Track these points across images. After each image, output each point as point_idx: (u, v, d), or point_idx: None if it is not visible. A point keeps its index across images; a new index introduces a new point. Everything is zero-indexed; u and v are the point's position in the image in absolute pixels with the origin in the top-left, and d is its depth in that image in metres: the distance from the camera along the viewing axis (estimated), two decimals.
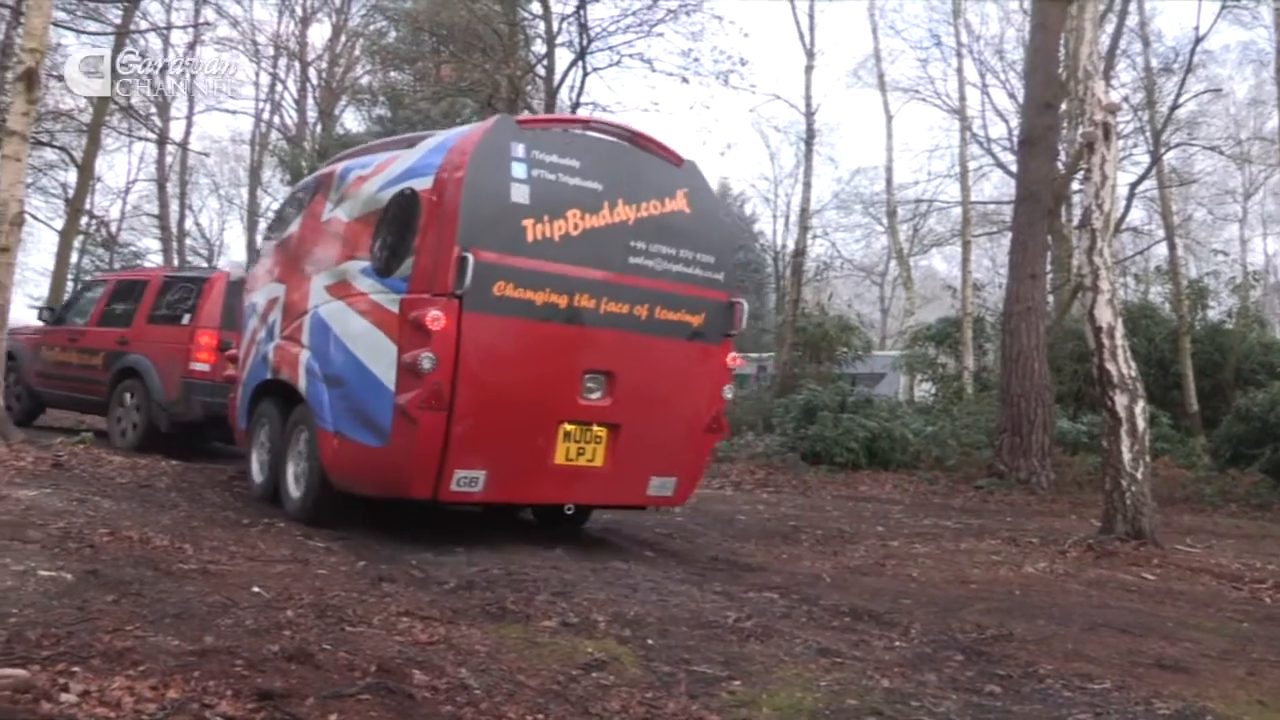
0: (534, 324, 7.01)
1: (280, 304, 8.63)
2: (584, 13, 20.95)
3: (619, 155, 7.72)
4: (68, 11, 24.26)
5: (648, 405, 7.57)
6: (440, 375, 6.70)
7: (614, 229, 7.36)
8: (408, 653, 4.37)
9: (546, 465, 7.29)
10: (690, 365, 7.80)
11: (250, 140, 45.07)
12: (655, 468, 7.85)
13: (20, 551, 5.53)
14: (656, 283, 7.54)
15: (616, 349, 7.36)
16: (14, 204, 12.31)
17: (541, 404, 7.16)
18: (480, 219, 6.82)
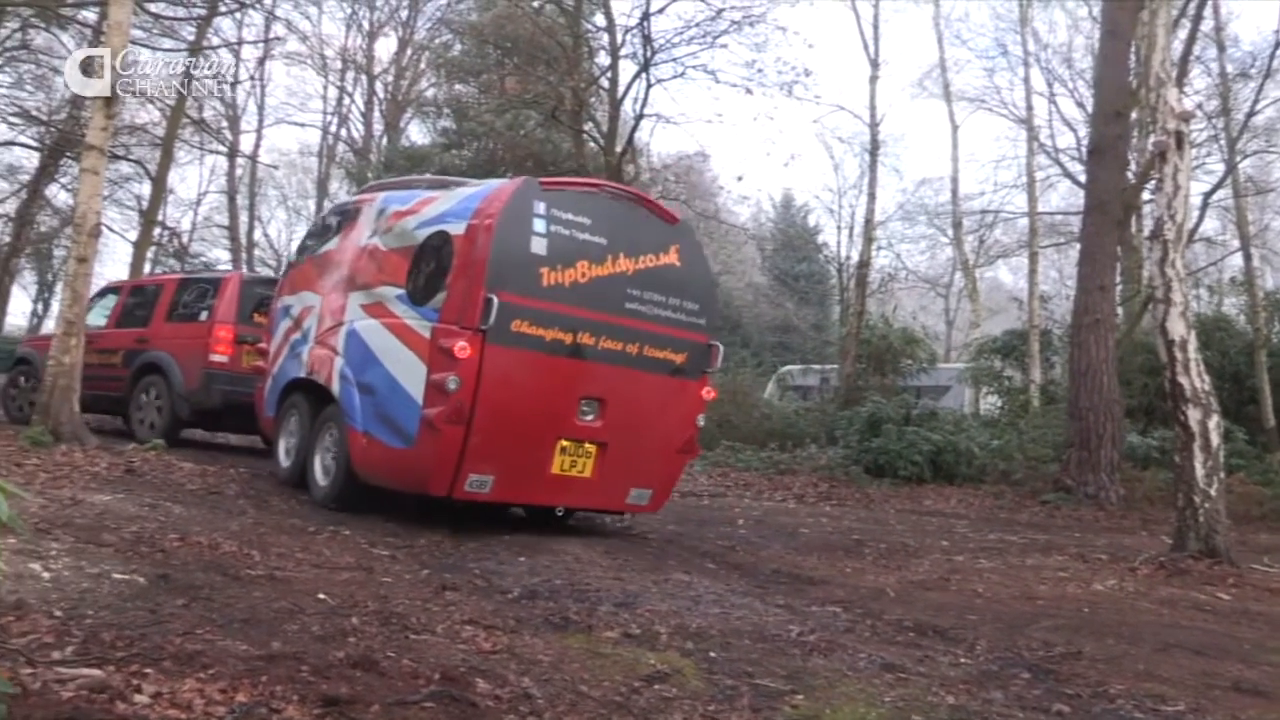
0: (543, 356, 8.15)
1: (316, 313, 9.76)
2: (648, 25, 21.02)
3: (623, 214, 8.88)
4: (144, 30, 24.81)
5: (632, 428, 8.68)
6: (463, 395, 7.79)
7: (615, 278, 8.52)
8: (471, 661, 4.40)
9: (544, 474, 8.39)
10: (670, 396, 8.92)
11: (318, 153, 45.73)
12: (635, 480, 8.95)
13: (95, 554, 5.64)
14: (647, 325, 8.69)
15: (609, 380, 8.48)
16: (91, 216, 12.61)
17: (543, 423, 8.28)
18: (505, 266, 7.94)
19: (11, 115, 32.46)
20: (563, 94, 21.32)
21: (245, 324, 12.75)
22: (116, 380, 13.58)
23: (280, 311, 10.69)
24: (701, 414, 9.30)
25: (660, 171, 25.12)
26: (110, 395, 13.73)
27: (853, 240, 40.22)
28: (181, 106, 28.13)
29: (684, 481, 14.91)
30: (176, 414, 12.88)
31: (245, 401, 11.81)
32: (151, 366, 13.26)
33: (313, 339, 9.67)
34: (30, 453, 10.38)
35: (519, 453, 8.22)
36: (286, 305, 10.54)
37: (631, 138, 22.67)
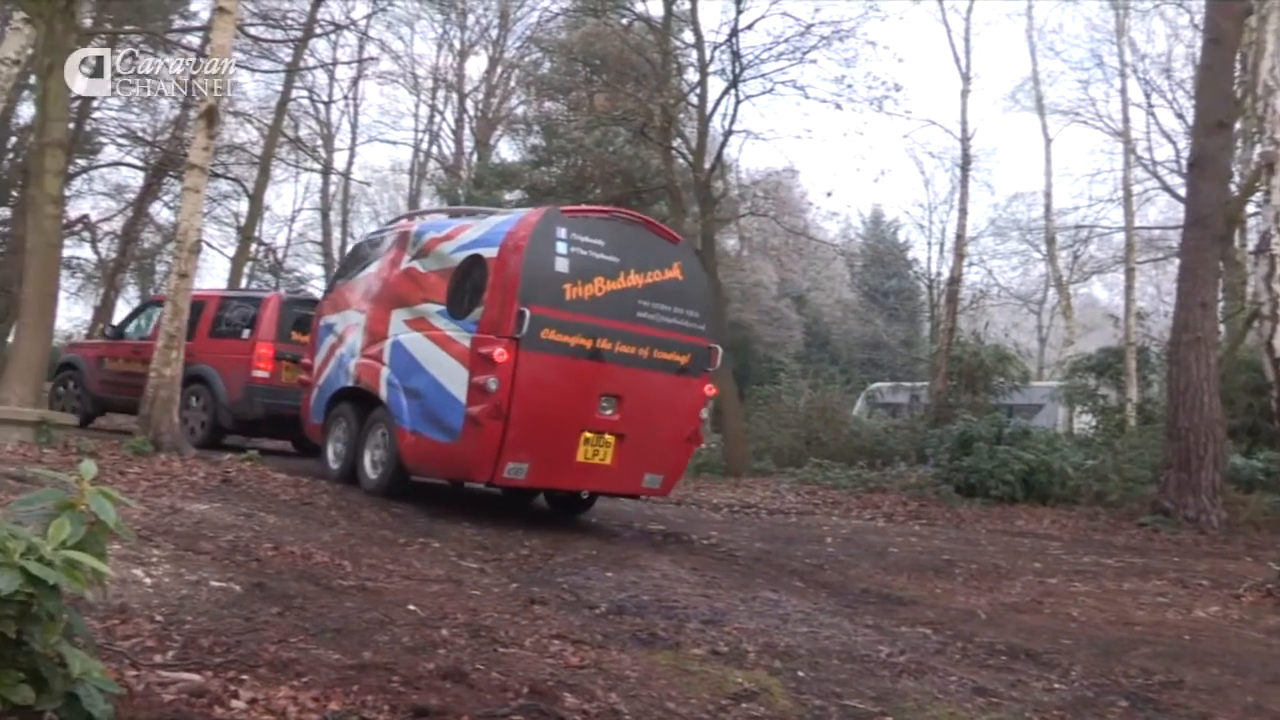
0: (568, 360, 9.32)
1: (360, 329, 10.89)
2: (737, 41, 21.03)
3: (632, 235, 10.13)
4: (244, 52, 25.49)
5: (645, 421, 9.80)
6: (501, 394, 8.97)
7: (627, 291, 9.73)
8: (559, 675, 4.41)
9: (571, 461, 9.51)
10: (677, 393, 10.10)
11: (409, 169, 46.46)
12: (649, 467, 10.14)
13: (194, 562, 5.78)
14: (656, 331, 9.88)
15: (625, 379, 9.64)
16: (192, 232, 12.97)
17: (570, 417, 9.43)
18: (534, 283, 9.14)
19: (120, 137, 33.58)
20: (651, 111, 21.38)
21: (284, 342, 13.90)
22: None
23: (323, 329, 11.74)
24: (704, 408, 10.55)
25: (749, 188, 25.07)
26: None
27: (943, 256, 39.76)
28: (279, 125, 28.83)
29: (771, 498, 14.85)
30: (219, 422, 13.94)
31: (283, 413, 13.08)
32: (195, 378, 13.96)
33: (358, 352, 10.82)
34: (132, 461, 10.68)
35: (549, 443, 9.36)
36: (329, 324, 11.61)
37: (720, 154, 22.67)
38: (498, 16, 40.18)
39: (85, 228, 32.54)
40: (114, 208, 36.47)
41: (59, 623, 2.70)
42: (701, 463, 20.45)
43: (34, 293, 13.13)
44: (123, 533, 2.96)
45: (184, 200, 13.84)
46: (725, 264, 29.73)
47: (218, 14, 13.62)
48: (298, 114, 35.12)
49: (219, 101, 13.49)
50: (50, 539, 2.67)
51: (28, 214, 15.02)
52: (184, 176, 14.98)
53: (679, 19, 23.63)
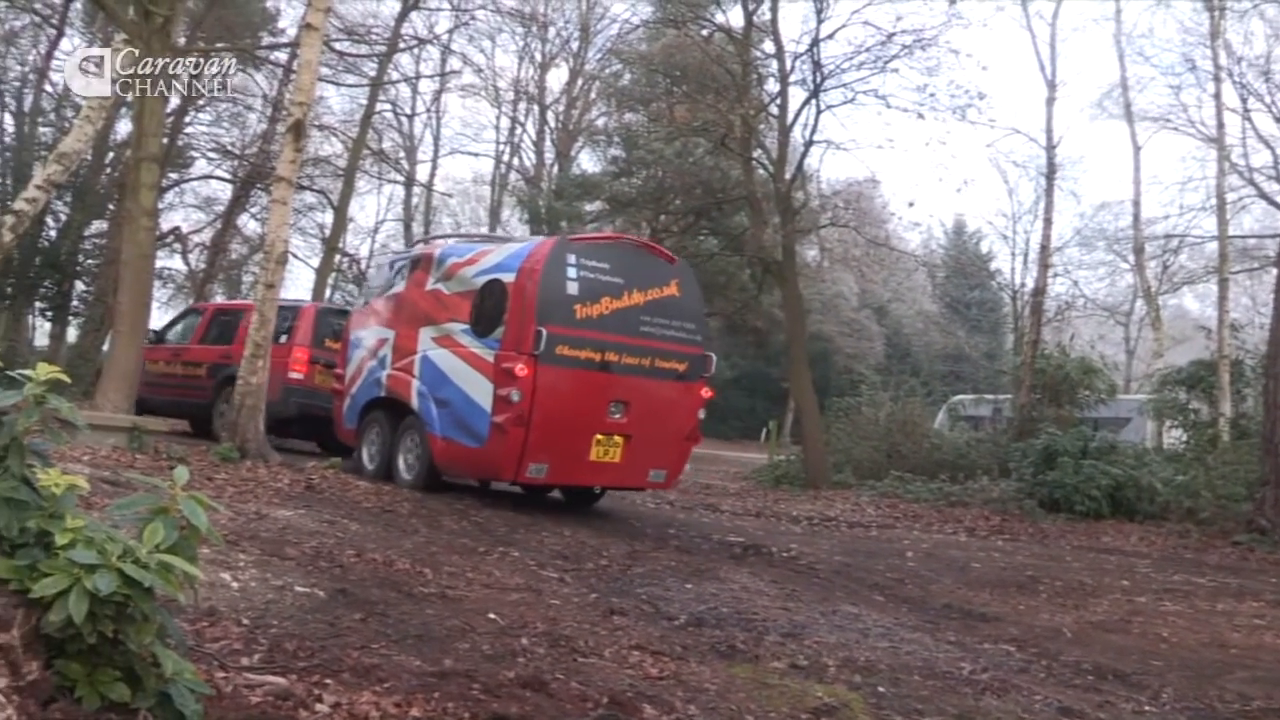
0: (580, 371, 10.42)
1: (390, 344, 11.84)
2: (818, 50, 20.88)
3: (634, 258, 11.37)
4: (329, 67, 25.98)
5: (649, 423, 10.90)
6: (523, 404, 10.06)
7: (631, 309, 10.82)
8: (638, 686, 4.41)
9: (585, 461, 10.61)
10: (677, 397, 11.28)
11: (490, 181, 46.95)
12: (653, 463, 11.29)
13: (279, 567, 5.88)
14: (657, 343, 10.98)
15: (631, 387, 10.77)
16: (279, 244, 13.23)
17: (583, 422, 10.49)
18: (548, 304, 10.21)
19: (210, 151, 34.41)
20: (732, 121, 21.31)
21: (319, 348, 14.83)
22: (201, 390, 15.39)
23: (353, 344, 12.64)
24: (701, 409, 11.60)
25: (830, 198, 24.86)
26: (194, 402, 15.52)
27: (1027, 267, 39.07)
28: (363, 138, 29.31)
29: (851, 512, 14.70)
30: None
31: (315, 413, 13.97)
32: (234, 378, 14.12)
33: (389, 366, 11.79)
34: (219, 467, 10.92)
35: (566, 445, 10.43)
36: (359, 338, 12.56)
37: (801, 164, 22.55)
38: (578, 29, 40.51)
39: (176, 239, 33.40)
40: (203, 219, 37.39)
41: (153, 624, 2.76)
42: (780, 474, 20.35)
43: (128, 302, 13.51)
44: (213, 537, 3.02)
45: (271, 212, 14.15)
46: (806, 275, 29.52)
47: (305, 30, 13.90)
48: (381, 127, 35.69)
49: (306, 115, 13.75)
50: (145, 542, 2.74)
51: (124, 226, 15.45)
52: (271, 189, 15.39)
53: (759, 29, 23.56)
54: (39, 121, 34.14)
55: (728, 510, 14.00)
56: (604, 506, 12.51)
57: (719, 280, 31.02)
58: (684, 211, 30.22)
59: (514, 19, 35.95)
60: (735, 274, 30.32)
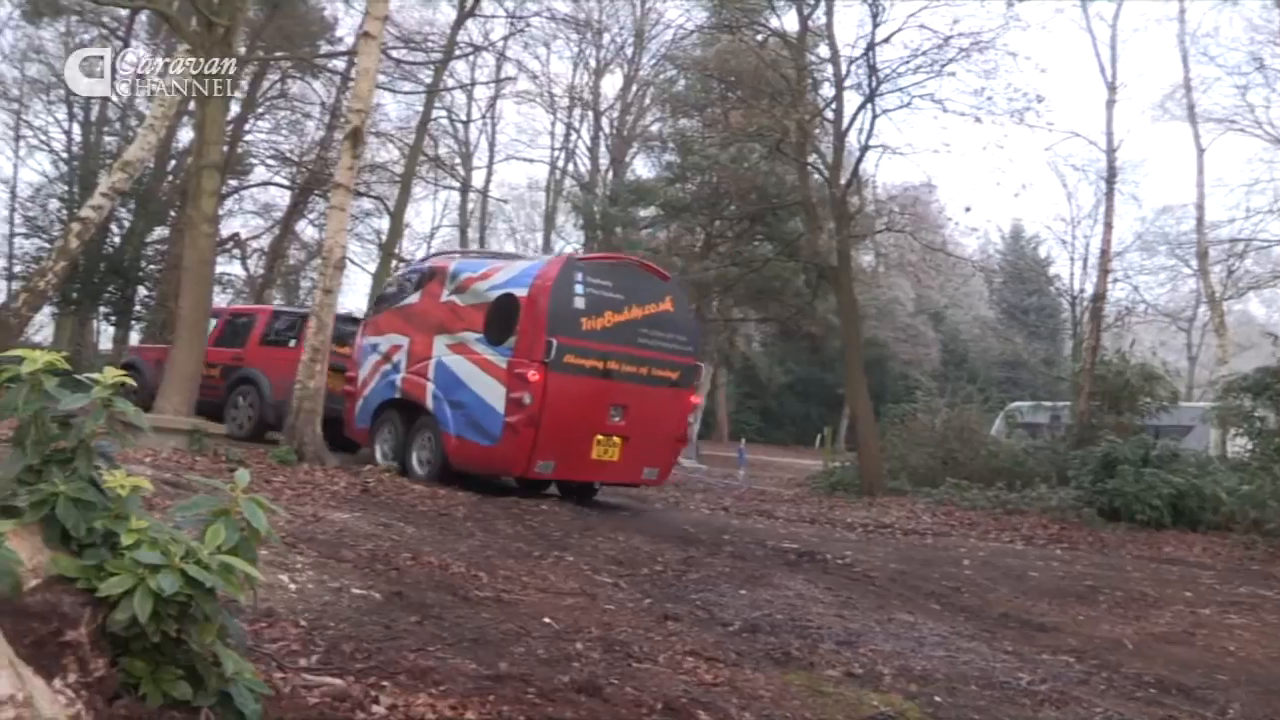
0: (585, 378, 11.43)
1: (404, 350, 12.75)
2: (873, 55, 20.73)
3: (633, 276, 12.50)
4: (386, 74, 26.25)
5: (645, 425, 11.93)
6: (534, 407, 11.05)
7: (630, 322, 11.90)
8: (693, 693, 4.39)
9: (587, 459, 11.69)
10: (670, 401, 12.36)
11: (545, 187, 47.20)
12: (648, 462, 12.37)
13: (336, 569, 5.94)
14: (653, 353, 12.07)
15: (629, 393, 11.82)
16: (337, 249, 13.39)
17: (586, 424, 11.55)
18: (558, 317, 11.27)
19: (268, 158, 34.88)
20: (787, 126, 21.22)
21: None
22: (214, 389, 16.03)
23: (367, 349, 13.51)
24: (692, 413, 13.08)
25: (885, 203, 24.71)
26: (208, 400, 15.87)
27: (1086, 272, 38.65)
28: (419, 145, 29.57)
29: (906, 519, 14.57)
30: (264, 418, 15.28)
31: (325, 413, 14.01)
32: (246, 379, 15.98)
33: (404, 370, 12.72)
34: (277, 470, 11.06)
35: (570, 445, 11.48)
36: (373, 344, 13.41)
37: (856, 169, 22.40)
38: (633, 35, 40.60)
39: (236, 245, 33.89)
40: (262, 226, 37.91)
41: (214, 624, 2.80)
42: (835, 481, 20.22)
43: (189, 307, 13.73)
44: (273, 539, 3.06)
45: (329, 218, 14.33)
46: (861, 280, 29.37)
47: (363, 39, 14.07)
48: (437, 133, 36.02)
49: (364, 122, 13.91)
50: (207, 543, 2.78)
51: (185, 233, 15.71)
52: (329, 195, 15.60)
53: (814, 34, 23.46)
54: (104, 131, 34.82)
55: (782, 516, 13.94)
56: (658, 512, 12.52)
57: (774, 285, 30.92)
58: (739, 217, 30.15)
59: (569, 25, 36.15)
60: (790, 279, 30.18)
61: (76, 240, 17.61)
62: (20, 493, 2.87)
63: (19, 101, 38.19)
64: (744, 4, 22.96)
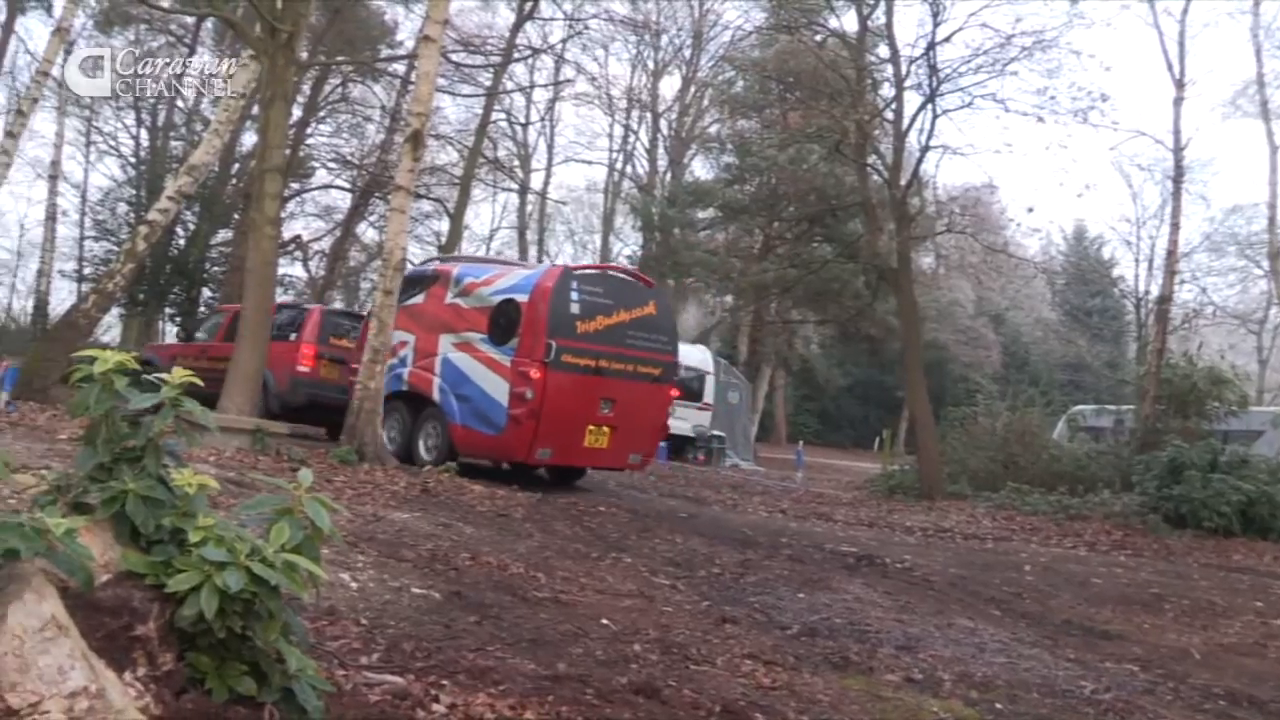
0: (579, 375, 12.44)
1: (410, 347, 13.71)
2: (934, 54, 20.55)
3: (621, 284, 13.78)
4: (445, 77, 26.46)
5: (631, 416, 13.05)
6: (535, 401, 12.09)
7: (619, 325, 12.95)
8: (750, 696, 4.38)
9: (579, 446, 12.79)
10: (652, 395, 13.48)
11: (604, 189, 47.28)
12: (633, 449, 13.52)
13: (396, 569, 5.99)
14: (638, 352, 13.12)
15: (617, 388, 12.90)
16: (398, 251, 13.51)
17: (580, 415, 12.57)
18: (556, 321, 12.30)
19: (330, 161, 35.32)
20: (846, 127, 21.07)
21: (324, 344, 16.34)
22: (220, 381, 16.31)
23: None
24: (670, 405, 14.31)
25: (946, 204, 24.46)
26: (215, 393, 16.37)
27: (1152, 273, 37.97)
28: (479, 147, 29.78)
29: (966, 523, 14.43)
30: (269, 408, 15.53)
31: (321, 401, 15.21)
32: None
33: (410, 364, 13.68)
34: (338, 470, 11.18)
35: (566, 434, 12.52)
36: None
37: (916, 170, 22.20)
38: (691, 36, 40.58)
39: (298, 247, 34.36)
40: (323, 228, 38.40)
41: (278, 621, 2.84)
42: (894, 484, 20.05)
43: (251, 309, 13.91)
44: (335, 539, 3.10)
45: (390, 220, 14.47)
46: (921, 282, 29.09)
47: (423, 42, 14.19)
48: (496, 136, 36.22)
49: (424, 125, 14.02)
50: (272, 542, 2.82)
51: (248, 235, 15.94)
52: (390, 197, 15.78)
53: (874, 34, 23.31)
54: (171, 136, 35.44)
55: (840, 520, 13.86)
56: (716, 514, 12.51)
57: (833, 287, 30.79)
58: (798, 218, 30.04)
59: (627, 27, 36.24)
60: (849, 281, 30.03)
61: (143, 243, 17.93)
62: (92, 490, 2.94)
63: (90, 108, 39.01)
64: (803, 4, 22.89)
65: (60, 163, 37.28)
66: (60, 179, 37.91)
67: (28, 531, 2.55)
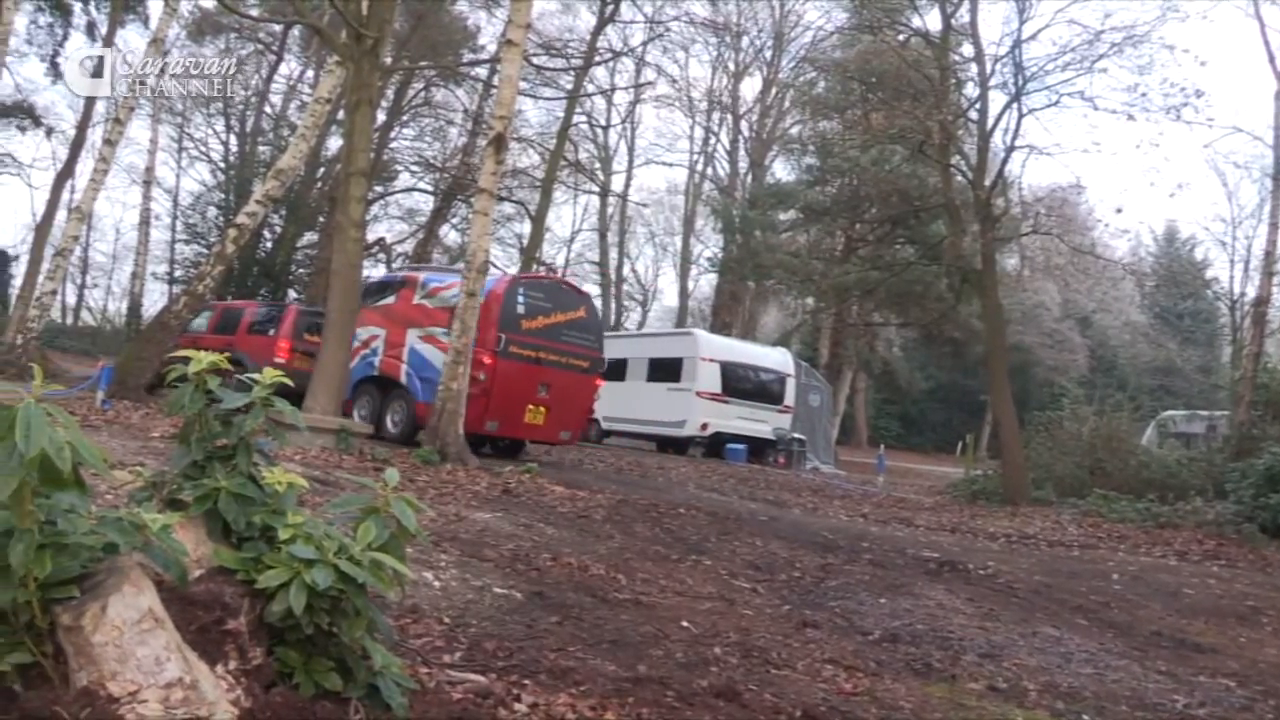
0: (523, 364, 15.06)
1: (381, 339, 16.38)
2: (1019, 52, 20.25)
3: (558, 291, 16.64)
4: (527, 81, 26.69)
5: (563, 399, 15.73)
6: (486, 383, 14.48)
7: (556, 324, 15.68)
8: (831, 701, 4.34)
9: (521, 421, 15.39)
10: (581, 383, 16.22)
11: (684, 191, 47.33)
12: (563, 426, 16.20)
13: (478, 568, 6.05)
14: (570, 347, 15.90)
15: (552, 375, 15.55)
16: (480, 253, 13.67)
17: (522, 396, 15.16)
18: (506, 319, 14.86)
19: (413, 164, 35.80)
20: (930, 128, 20.83)
21: (298, 339, 18.58)
22: None
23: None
24: (596, 392, 17.08)
25: (1031, 205, 24.02)
26: None
27: (1248, 275, 36.92)
28: (560, 150, 29.99)
29: (1051, 530, 14.17)
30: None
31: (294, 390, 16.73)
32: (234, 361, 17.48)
33: (381, 354, 16.35)
34: (420, 470, 11.32)
35: (510, 411, 15.03)
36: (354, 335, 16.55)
37: (1001, 170, 21.87)
38: (772, 38, 40.46)
39: (381, 249, 34.88)
40: (406, 230, 38.94)
41: (364, 618, 2.88)
42: (977, 489, 19.78)
43: (337, 310, 14.14)
44: (421, 538, 3.13)
45: (473, 223, 14.65)
46: (1006, 284, 28.67)
47: (506, 46, 14.33)
48: (577, 138, 36.46)
49: (506, 128, 14.15)
50: (359, 540, 2.87)
51: (333, 237, 16.22)
52: (473, 200, 16.02)
53: (958, 33, 23.03)
54: (259, 141, 36.19)
55: (922, 524, 13.69)
56: (796, 517, 12.43)
57: (915, 290, 30.44)
58: (880, 220, 29.79)
59: (707, 29, 36.25)
60: (932, 283, 29.68)
61: (232, 245, 18.37)
62: (186, 487, 3.02)
63: (182, 115, 39.98)
64: (885, 4, 22.69)
65: (154, 169, 38.37)
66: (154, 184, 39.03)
67: (126, 526, 2.62)
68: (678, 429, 24.86)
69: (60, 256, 22.33)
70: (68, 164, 25.37)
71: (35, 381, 2.50)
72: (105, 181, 22.46)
